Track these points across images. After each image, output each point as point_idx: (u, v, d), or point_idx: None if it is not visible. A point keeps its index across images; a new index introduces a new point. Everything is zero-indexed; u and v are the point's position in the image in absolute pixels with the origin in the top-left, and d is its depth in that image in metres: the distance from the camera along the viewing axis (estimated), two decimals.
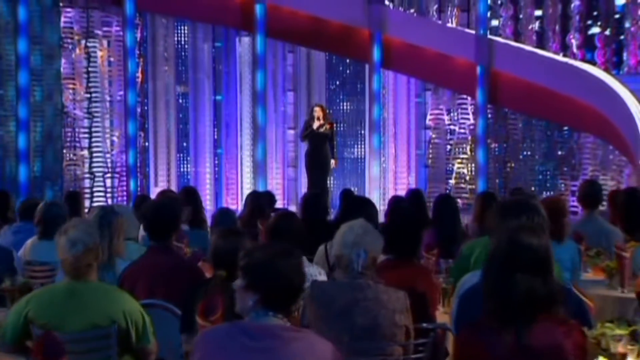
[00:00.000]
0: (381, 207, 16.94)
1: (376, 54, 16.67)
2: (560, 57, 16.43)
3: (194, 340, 3.77)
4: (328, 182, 15.27)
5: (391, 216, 6.09)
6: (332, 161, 15.05)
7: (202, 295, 4.57)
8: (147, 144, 17.20)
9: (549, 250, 3.68)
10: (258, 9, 16.19)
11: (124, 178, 16.27)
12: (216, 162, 17.76)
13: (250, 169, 17.20)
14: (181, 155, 17.64)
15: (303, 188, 16.79)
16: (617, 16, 17.02)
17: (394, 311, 4.58)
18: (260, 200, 8.83)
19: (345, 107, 18.15)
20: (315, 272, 5.60)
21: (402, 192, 17.52)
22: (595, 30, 16.96)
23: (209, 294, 4.49)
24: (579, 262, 7.04)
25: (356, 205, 7.06)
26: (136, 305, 4.83)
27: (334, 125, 15.39)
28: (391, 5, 17.53)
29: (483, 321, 3.66)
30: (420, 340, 4.71)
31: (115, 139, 16.57)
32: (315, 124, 14.56)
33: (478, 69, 16.30)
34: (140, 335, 4.76)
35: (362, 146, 17.80)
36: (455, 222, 8.29)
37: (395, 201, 9.40)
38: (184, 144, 17.63)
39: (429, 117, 17.70)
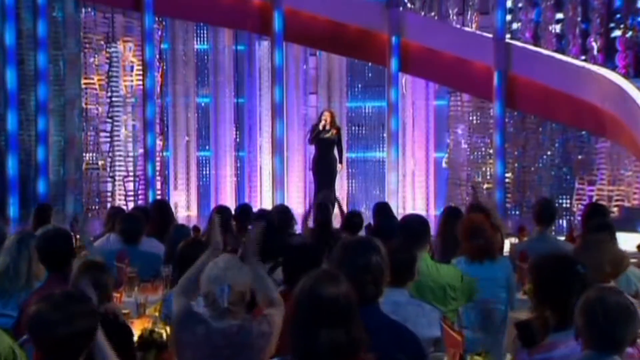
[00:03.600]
0: (399, 210, 16.96)
1: (394, 58, 16.67)
2: (577, 62, 16.25)
3: None
4: (335, 187, 15.26)
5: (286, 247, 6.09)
6: (339, 165, 15.06)
7: None
8: (167, 147, 17.35)
9: (349, 297, 3.67)
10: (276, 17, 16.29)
11: (144, 182, 16.51)
12: (238, 165, 17.89)
13: (270, 172, 17.27)
14: (202, 158, 17.78)
15: None
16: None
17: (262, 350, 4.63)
18: (225, 215, 8.77)
19: (367, 110, 18.15)
20: None
21: (420, 196, 17.56)
22: (617, 33, 16.72)
23: None
24: (514, 281, 6.98)
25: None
26: (7, 341, 4.75)
27: (340, 130, 15.37)
28: (410, 7, 17.47)
29: None
30: None
31: (135, 143, 16.79)
32: (321, 125, 14.60)
33: (495, 73, 16.22)
34: None
35: (384, 149, 17.76)
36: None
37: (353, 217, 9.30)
38: (206, 147, 17.78)
39: (449, 120, 17.61)
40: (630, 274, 6.04)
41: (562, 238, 8.83)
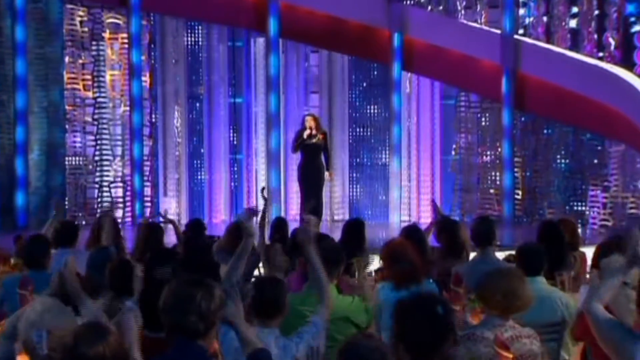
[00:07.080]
0: (406, 217, 16.08)
1: (397, 56, 15.77)
2: (590, 60, 15.21)
3: None
4: (322, 195, 14.29)
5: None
6: (327, 173, 14.09)
7: None
8: (156, 151, 16.43)
9: (119, 348, 3.48)
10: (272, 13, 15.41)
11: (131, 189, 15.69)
12: (235, 168, 17.00)
13: (264, 176, 16.37)
14: (194, 162, 16.89)
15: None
16: None
17: None
18: (155, 234, 8.00)
19: (372, 111, 17.16)
20: None
21: (425, 200, 16.60)
22: (637, 28, 15.58)
23: None
24: None
25: None
26: None
27: (327, 135, 14.37)
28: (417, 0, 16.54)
29: None
30: None
31: (123, 147, 15.95)
32: (306, 133, 13.65)
33: (504, 72, 15.26)
34: None
35: (390, 152, 16.79)
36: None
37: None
38: (199, 150, 16.89)
39: (456, 122, 16.62)
40: (558, 300, 5.89)
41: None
